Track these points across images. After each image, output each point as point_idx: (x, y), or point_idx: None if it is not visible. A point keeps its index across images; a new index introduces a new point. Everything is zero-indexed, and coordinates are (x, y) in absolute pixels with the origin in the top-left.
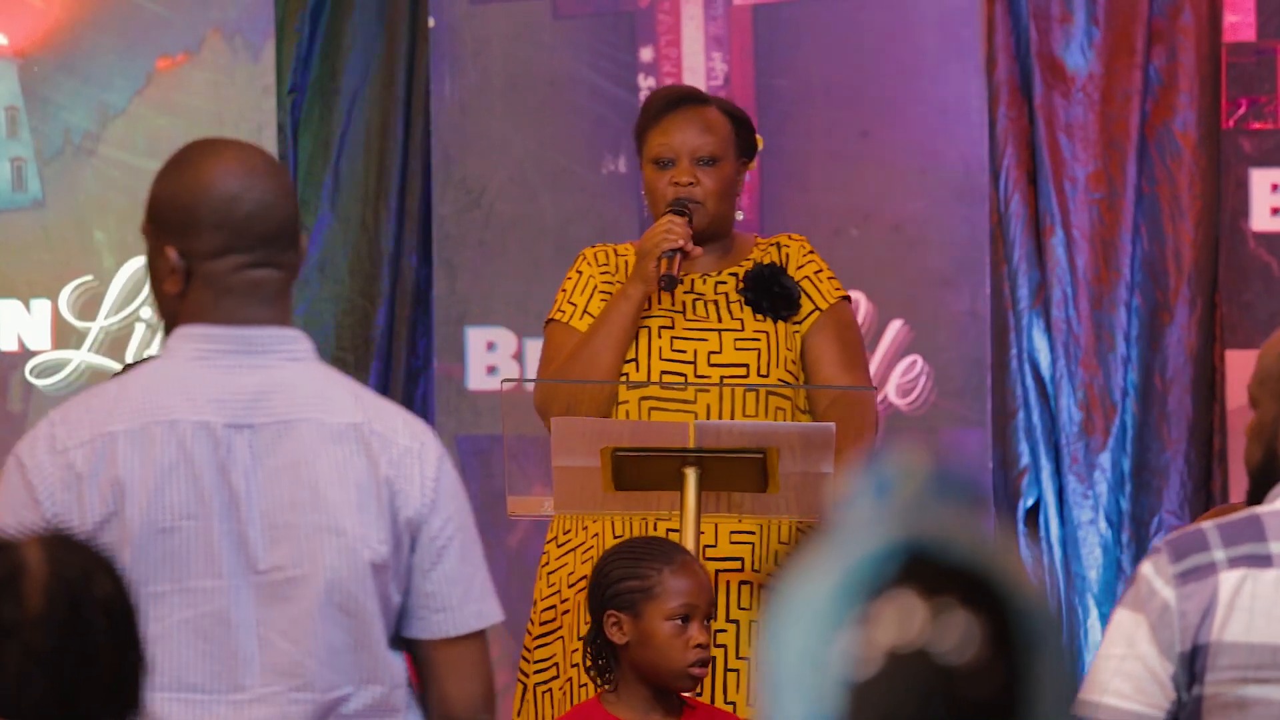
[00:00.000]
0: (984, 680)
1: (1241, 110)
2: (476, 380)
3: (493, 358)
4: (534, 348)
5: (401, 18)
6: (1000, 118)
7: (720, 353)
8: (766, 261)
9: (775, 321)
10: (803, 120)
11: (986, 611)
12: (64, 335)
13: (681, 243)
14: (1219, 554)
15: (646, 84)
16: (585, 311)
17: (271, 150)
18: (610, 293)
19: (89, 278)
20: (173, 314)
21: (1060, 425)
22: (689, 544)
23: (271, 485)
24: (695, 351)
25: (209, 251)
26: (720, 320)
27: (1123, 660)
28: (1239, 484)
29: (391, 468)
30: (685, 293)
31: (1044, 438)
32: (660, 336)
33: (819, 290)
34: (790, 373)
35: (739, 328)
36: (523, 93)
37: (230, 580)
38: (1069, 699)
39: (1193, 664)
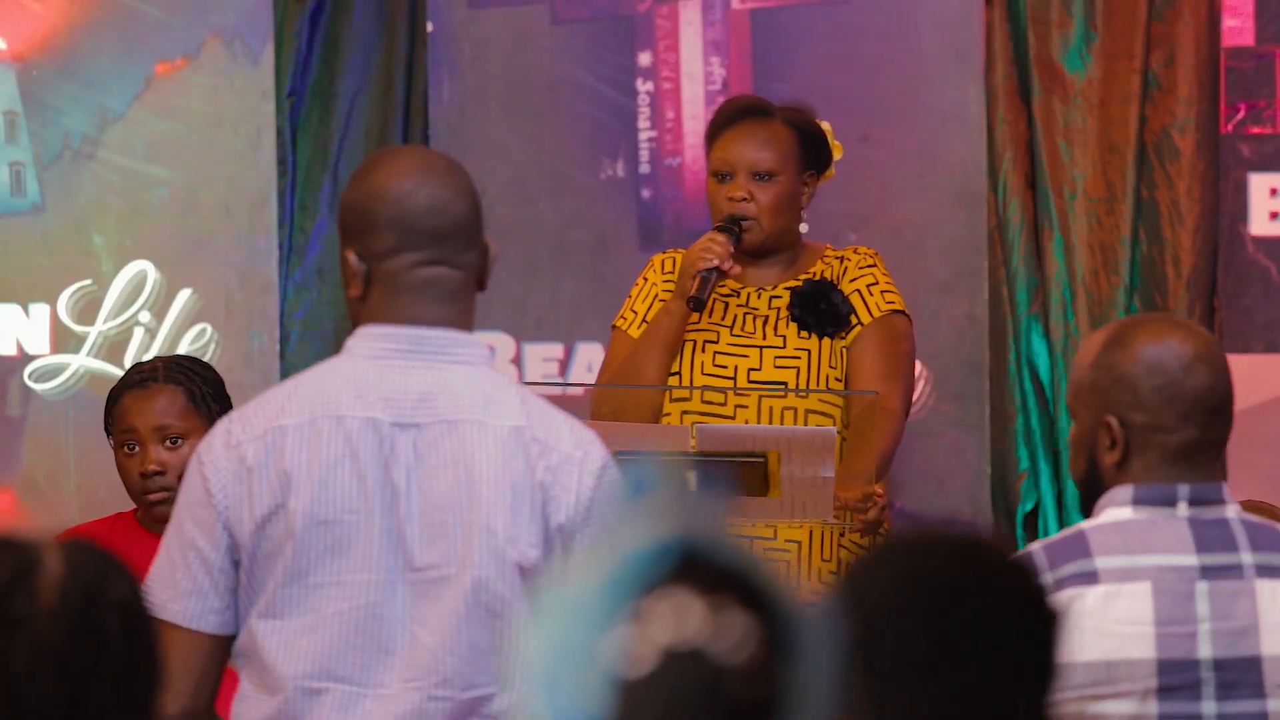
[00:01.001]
0: (757, 681)
1: (1240, 115)
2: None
3: (493, 360)
4: (532, 352)
5: (400, 22)
6: (999, 122)
7: (760, 369)
8: (827, 275)
9: (821, 338)
10: None
11: (761, 612)
12: (63, 339)
13: (717, 262)
14: (1047, 577)
15: (645, 88)
16: (643, 320)
17: (269, 153)
18: (666, 300)
19: (88, 282)
20: (356, 318)
21: (1059, 429)
22: None
23: (431, 484)
24: (735, 367)
25: (383, 251)
26: (765, 337)
27: None
28: (1238, 486)
29: (548, 473)
30: (738, 306)
31: (1042, 442)
32: (704, 351)
33: (868, 303)
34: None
35: (780, 345)
36: (521, 97)
37: (386, 575)
38: (828, 703)
39: None
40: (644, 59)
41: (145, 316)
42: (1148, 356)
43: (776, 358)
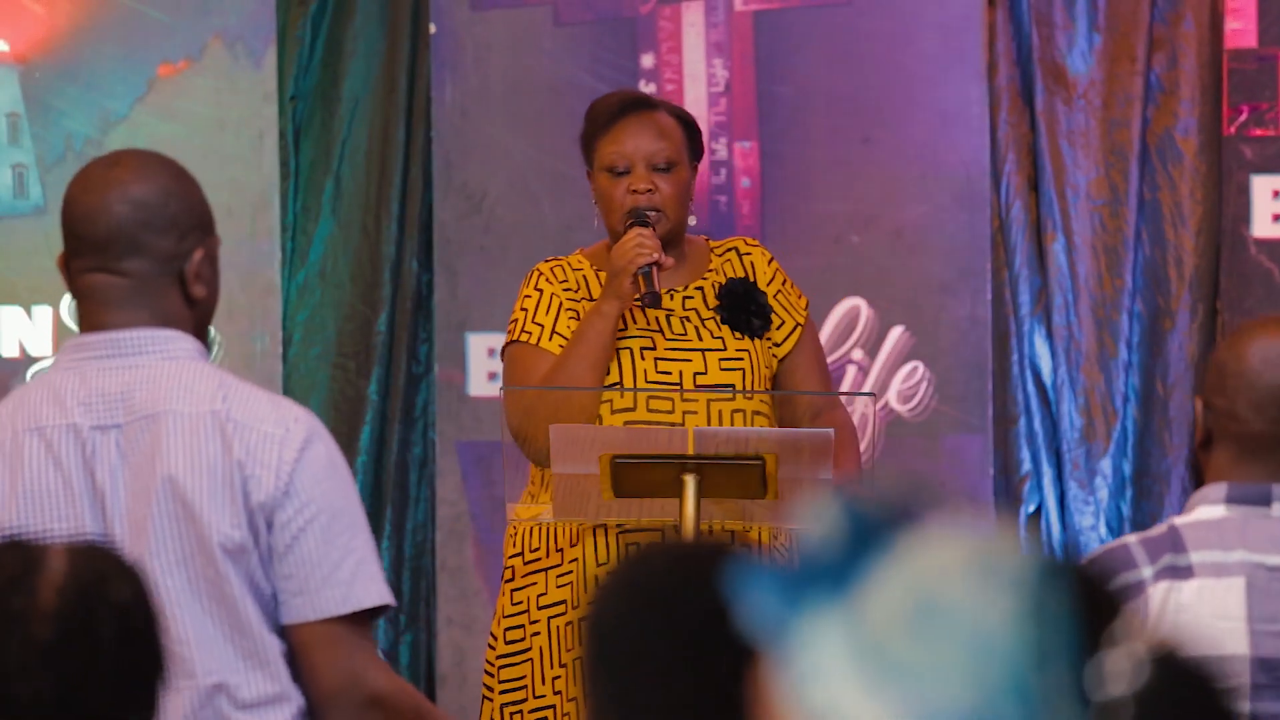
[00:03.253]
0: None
1: (1243, 117)
2: (477, 386)
3: (493, 364)
4: None
5: (403, 24)
6: (1001, 124)
7: (706, 374)
8: (731, 272)
9: (752, 339)
10: (804, 127)
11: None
12: (65, 341)
13: (656, 256)
14: (1146, 570)
15: (648, 90)
16: (554, 332)
17: (272, 156)
18: (576, 310)
19: None
20: None
21: (1061, 431)
22: None
23: (134, 480)
24: (680, 372)
25: (68, 257)
26: (701, 339)
27: None
28: None
29: (245, 453)
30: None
31: (1045, 444)
32: (644, 358)
33: (792, 304)
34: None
35: (721, 347)
36: (524, 99)
37: None
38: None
39: None
40: (646, 61)
41: None
42: (1243, 347)
43: (721, 360)
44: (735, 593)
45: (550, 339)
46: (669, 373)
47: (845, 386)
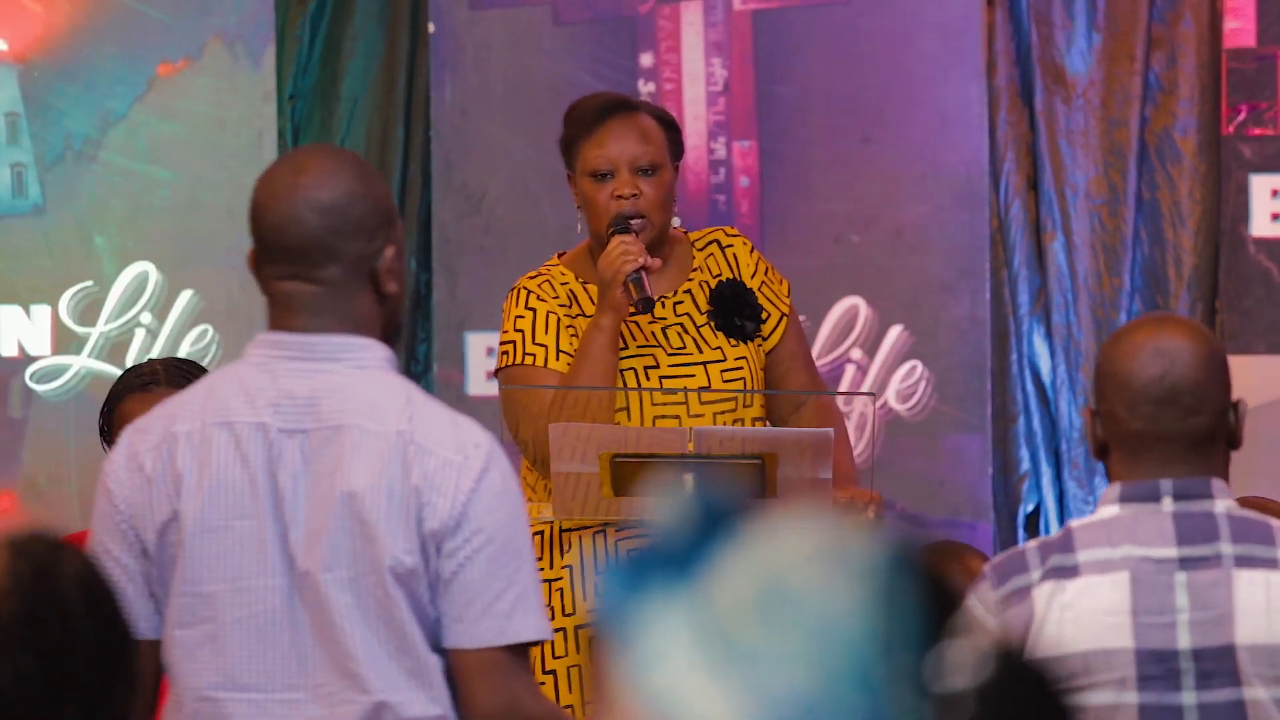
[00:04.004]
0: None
1: (1242, 116)
2: (476, 386)
3: (493, 363)
4: None
5: (402, 23)
6: (1001, 123)
7: (710, 389)
8: (715, 268)
9: (746, 342)
10: (803, 126)
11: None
12: (64, 341)
13: (643, 261)
14: (1035, 573)
15: (647, 90)
16: (560, 351)
17: (271, 155)
18: (575, 328)
19: (89, 283)
20: None
21: (1060, 430)
22: None
23: (314, 490)
24: (685, 390)
25: (258, 260)
26: (700, 350)
27: None
28: (1238, 487)
29: (424, 479)
30: (649, 321)
31: (1044, 443)
32: (648, 379)
33: (776, 295)
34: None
35: (720, 358)
36: (523, 98)
37: (282, 580)
38: None
39: None
40: (646, 60)
41: (147, 318)
42: (1114, 350)
43: (723, 372)
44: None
45: (557, 359)
46: (674, 391)
47: (844, 385)
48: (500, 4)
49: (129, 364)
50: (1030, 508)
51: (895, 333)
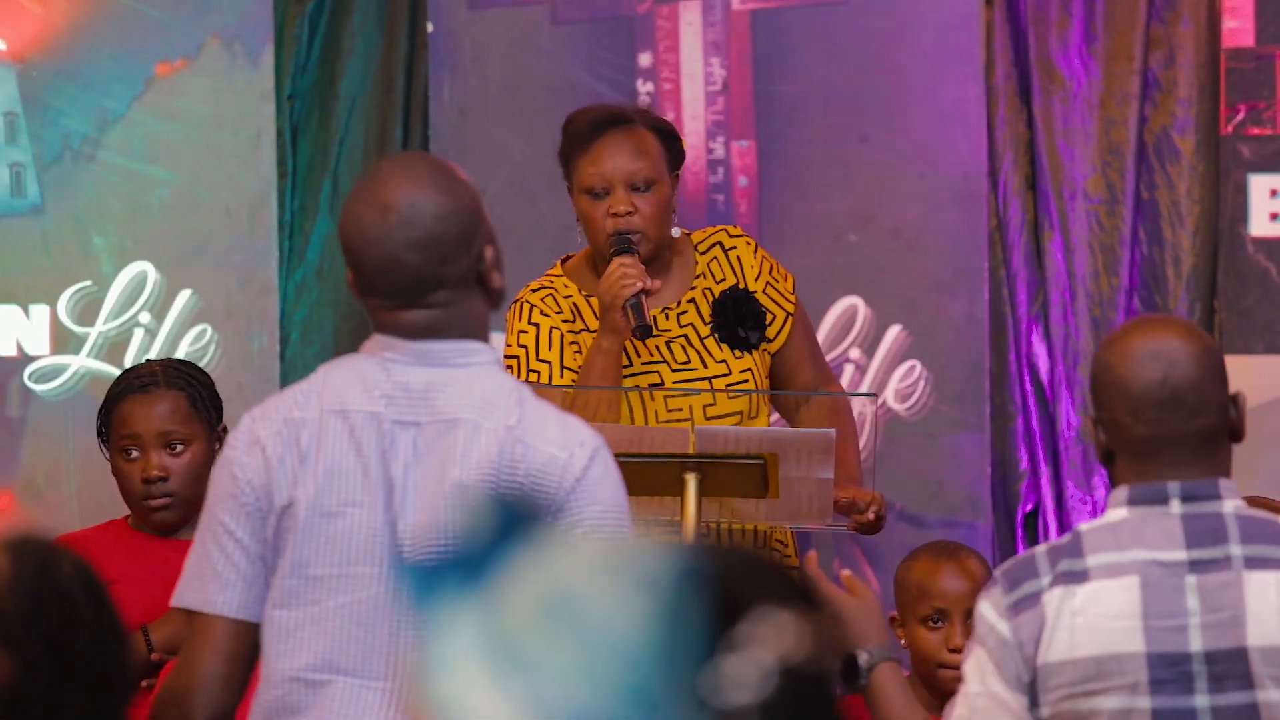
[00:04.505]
0: (837, 678)
1: (1240, 116)
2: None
3: None
4: None
5: (400, 23)
6: (999, 123)
7: (714, 404)
8: (718, 273)
9: (750, 351)
10: (801, 126)
11: (820, 612)
12: (62, 340)
13: (642, 285)
14: (1045, 579)
15: (645, 89)
16: (564, 368)
17: (269, 154)
18: (579, 343)
19: (88, 283)
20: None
21: (1059, 430)
22: None
23: (425, 482)
24: (690, 408)
25: (360, 289)
26: (705, 364)
27: (976, 697)
28: (1238, 487)
29: (528, 476)
30: (654, 336)
31: (1043, 442)
32: (654, 399)
33: (781, 294)
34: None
35: (725, 371)
36: (521, 98)
37: (385, 569)
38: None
39: (1033, 689)
40: (644, 60)
41: (145, 318)
42: (1110, 356)
43: (728, 387)
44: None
45: (561, 376)
46: (679, 409)
47: (843, 385)
48: (499, 4)
49: (128, 364)
50: (1029, 507)
51: (894, 332)
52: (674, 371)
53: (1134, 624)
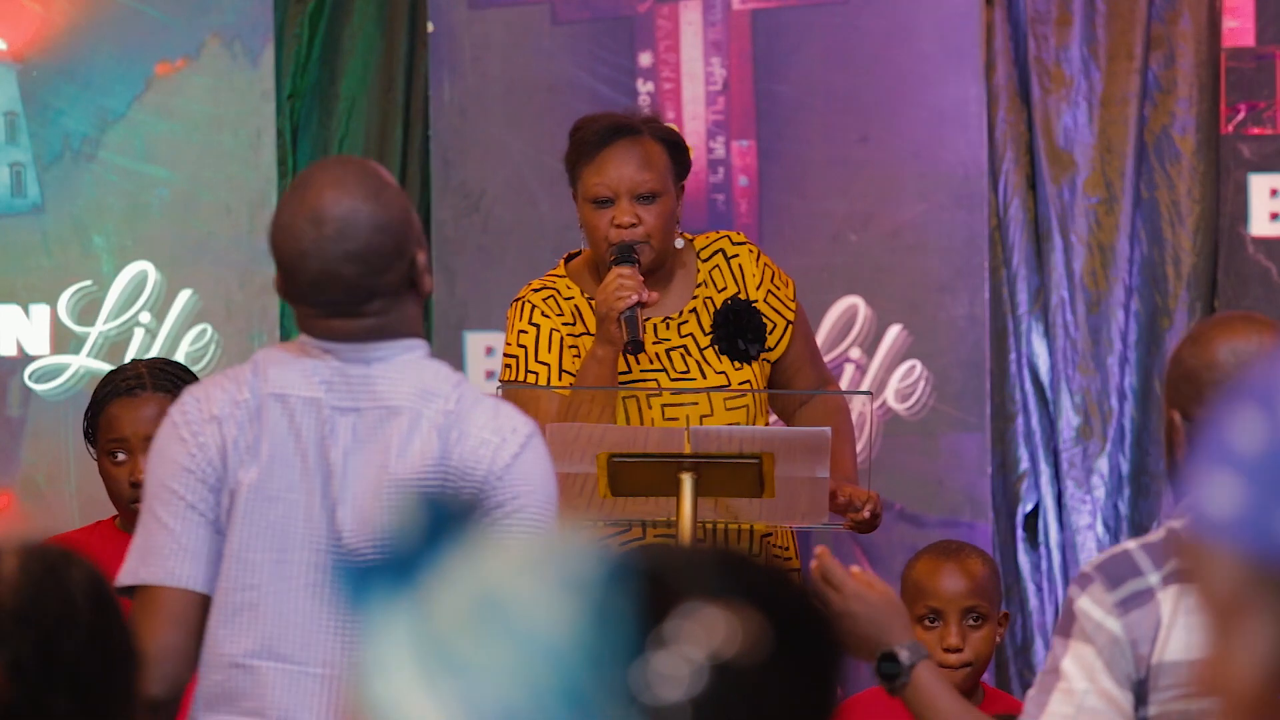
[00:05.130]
0: (782, 674)
1: (1240, 115)
2: (475, 384)
3: (491, 362)
4: None
5: (401, 23)
6: (999, 122)
7: (712, 415)
8: (720, 281)
9: (750, 363)
10: (802, 125)
11: (769, 608)
12: (63, 340)
13: (637, 297)
14: (1153, 577)
15: (645, 89)
16: (562, 370)
17: (270, 154)
18: (578, 347)
19: (88, 283)
20: None
21: (1059, 430)
22: None
23: (364, 468)
24: (687, 418)
25: (289, 294)
26: (704, 375)
27: (1085, 695)
28: None
29: (461, 459)
30: (653, 344)
31: (1043, 442)
32: (651, 407)
33: (782, 302)
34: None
35: (724, 383)
36: (522, 98)
37: (324, 556)
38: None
39: (1143, 687)
40: (644, 59)
41: (145, 317)
42: (1212, 352)
43: (726, 401)
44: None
45: (559, 378)
46: (676, 419)
47: (843, 385)
48: (499, 3)
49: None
50: (1029, 507)
51: (894, 332)
52: (672, 381)
53: None
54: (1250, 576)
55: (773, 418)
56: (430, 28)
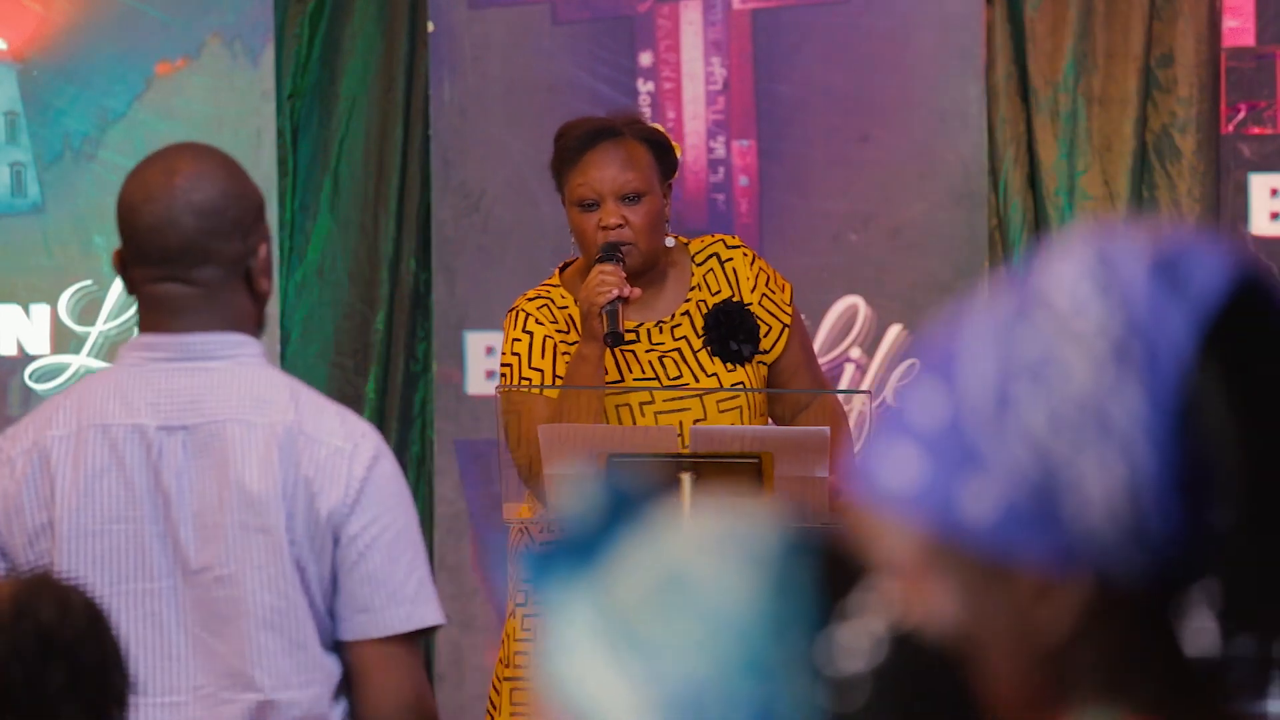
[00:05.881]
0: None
1: (1241, 115)
2: (475, 385)
3: (492, 362)
4: None
5: (401, 22)
6: (999, 122)
7: (705, 420)
8: (714, 284)
9: (743, 365)
10: (802, 125)
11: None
12: (63, 340)
13: (616, 292)
14: None
15: (646, 89)
16: (556, 376)
17: (270, 154)
18: (570, 352)
19: (88, 282)
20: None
21: None
22: None
23: (203, 485)
24: (680, 424)
25: (128, 261)
26: (697, 380)
27: None
28: None
29: (313, 467)
30: (646, 352)
31: None
32: (644, 414)
33: (778, 306)
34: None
35: (717, 385)
36: (522, 97)
37: (163, 582)
38: None
39: None
40: (645, 59)
41: None
42: None
43: (719, 404)
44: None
45: (554, 383)
46: (671, 425)
47: (843, 385)
48: (499, 3)
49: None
50: None
51: (894, 331)
52: (665, 384)
53: None
54: (929, 550)
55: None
56: (430, 27)
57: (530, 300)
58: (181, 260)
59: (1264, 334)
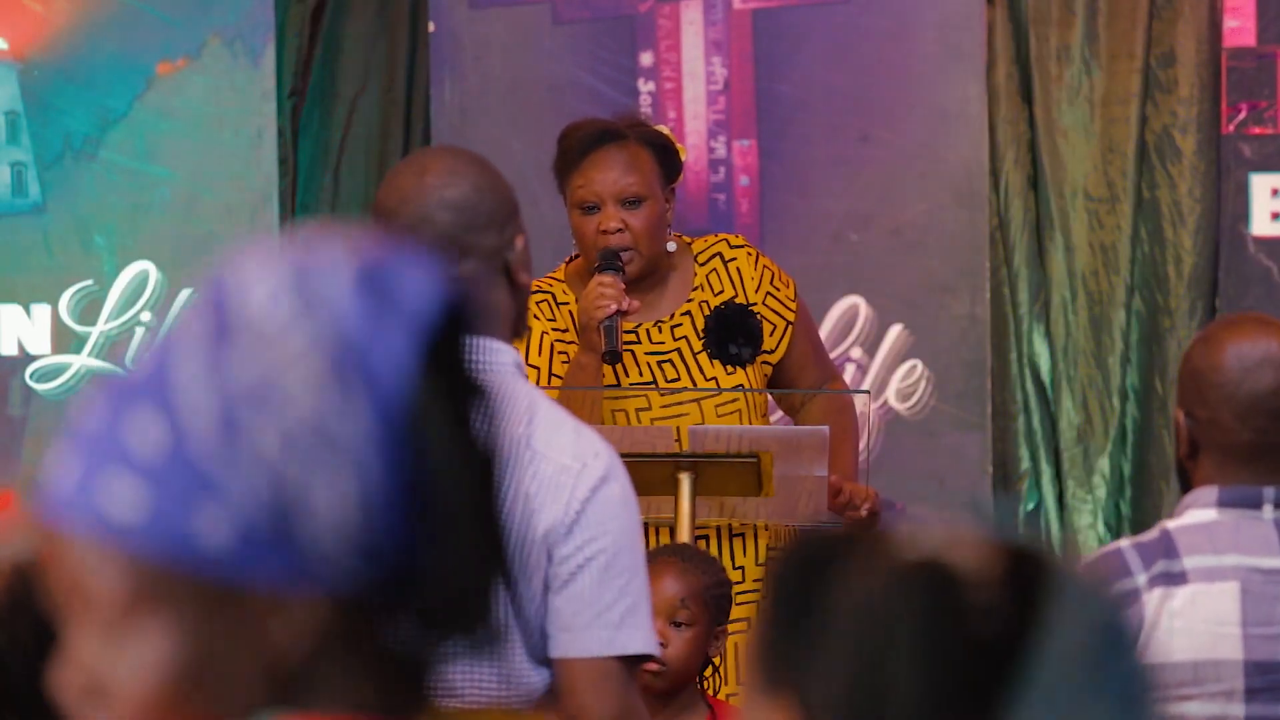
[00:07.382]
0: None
1: (1241, 115)
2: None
3: None
4: None
5: (402, 22)
6: (1000, 122)
7: (703, 424)
8: (717, 284)
9: (744, 367)
10: (803, 125)
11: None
12: (64, 340)
13: (614, 307)
14: (1140, 577)
15: (646, 88)
16: (551, 374)
17: (271, 153)
18: (568, 354)
19: (89, 282)
20: None
21: (1060, 429)
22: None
23: None
24: (678, 429)
25: None
26: (695, 383)
27: None
28: None
29: (535, 484)
30: (646, 353)
31: (1044, 442)
32: (640, 420)
33: (782, 302)
34: (763, 414)
35: (715, 389)
36: (522, 97)
37: None
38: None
39: None
40: (645, 59)
41: (147, 317)
42: (1219, 355)
43: (717, 408)
44: None
45: (549, 382)
46: (666, 430)
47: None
48: (500, 3)
49: (129, 363)
50: (1030, 506)
51: (895, 332)
52: (662, 393)
53: (1233, 631)
54: (146, 580)
55: (777, 415)
56: (431, 27)
57: (531, 294)
58: (440, 257)
59: (471, 347)
